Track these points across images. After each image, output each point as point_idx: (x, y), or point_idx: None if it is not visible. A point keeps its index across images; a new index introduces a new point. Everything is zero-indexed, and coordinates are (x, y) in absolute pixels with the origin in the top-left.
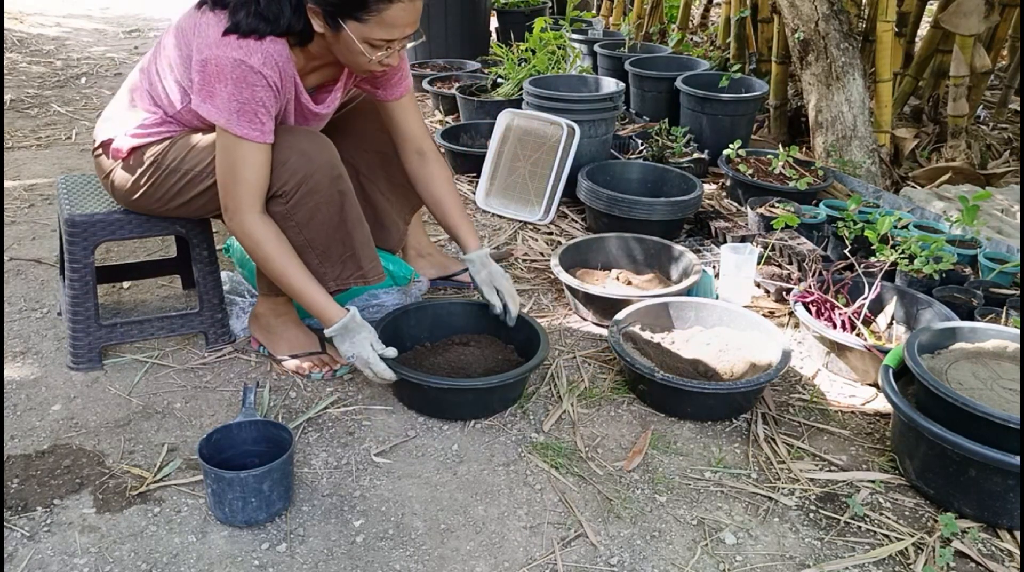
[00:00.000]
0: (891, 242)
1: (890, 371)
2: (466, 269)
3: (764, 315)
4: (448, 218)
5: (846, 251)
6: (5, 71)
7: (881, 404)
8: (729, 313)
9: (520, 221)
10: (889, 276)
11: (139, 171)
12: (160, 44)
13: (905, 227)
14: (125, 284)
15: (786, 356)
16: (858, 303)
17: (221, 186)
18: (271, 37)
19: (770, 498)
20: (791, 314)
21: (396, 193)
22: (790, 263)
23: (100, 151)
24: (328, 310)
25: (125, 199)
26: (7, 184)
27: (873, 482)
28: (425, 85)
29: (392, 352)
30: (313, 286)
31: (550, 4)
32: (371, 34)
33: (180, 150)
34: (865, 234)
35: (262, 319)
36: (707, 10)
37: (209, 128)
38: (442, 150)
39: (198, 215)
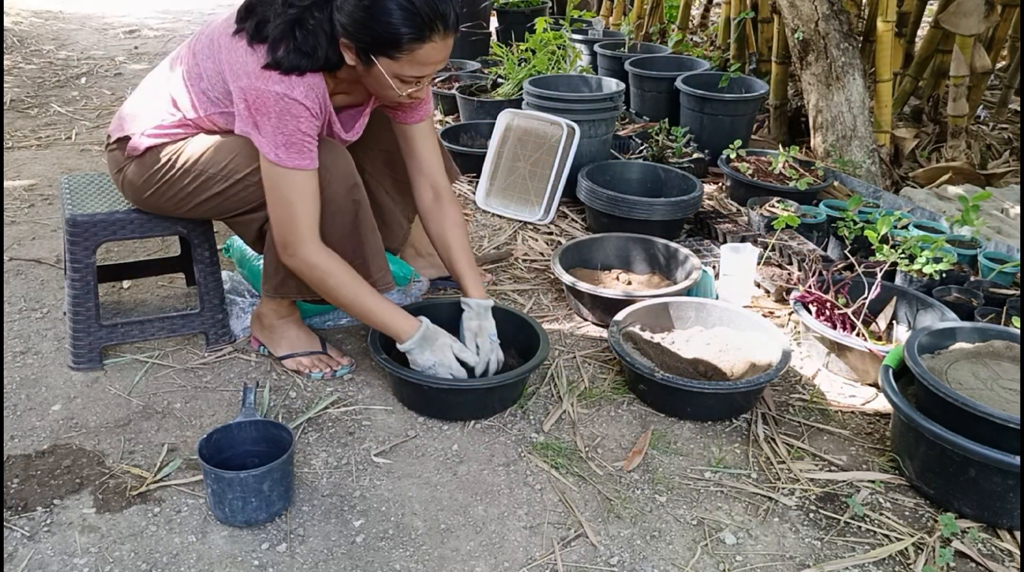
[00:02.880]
0: (891, 242)
1: (890, 371)
2: None
3: (764, 315)
4: (457, 264)
5: (846, 251)
6: (5, 71)
7: (881, 404)
8: (729, 313)
9: (520, 221)
10: (889, 276)
11: (153, 169)
12: (188, 51)
13: (905, 227)
14: (125, 284)
15: (786, 356)
16: (858, 303)
17: (277, 221)
18: (313, 77)
19: (770, 498)
20: (791, 314)
21: (400, 192)
22: (790, 263)
23: (115, 147)
24: (403, 325)
25: (137, 197)
26: (7, 184)
27: (873, 482)
28: None
29: (473, 358)
30: (384, 304)
31: (550, 4)
32: (402, 71)
33: (196, 151)
34: (865, 234)
35: (264, 319)
36: (707, 10)
37: (226, 131)
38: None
39: (207, 217)
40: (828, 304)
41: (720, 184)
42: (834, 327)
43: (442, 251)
